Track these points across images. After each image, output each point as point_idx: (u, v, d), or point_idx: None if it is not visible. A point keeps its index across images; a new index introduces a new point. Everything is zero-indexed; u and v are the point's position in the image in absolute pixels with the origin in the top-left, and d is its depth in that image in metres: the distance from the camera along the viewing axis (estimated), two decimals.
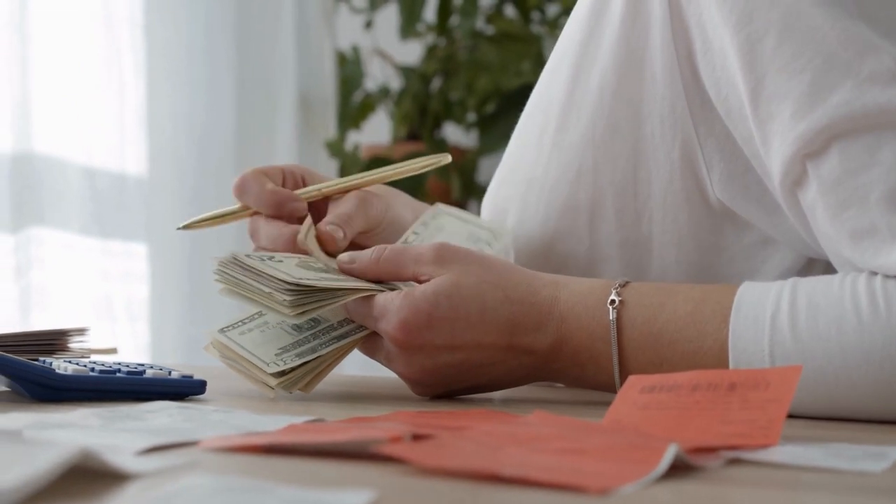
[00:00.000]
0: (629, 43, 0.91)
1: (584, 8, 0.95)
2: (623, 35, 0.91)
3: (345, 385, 0.97)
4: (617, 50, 0.91)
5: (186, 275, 2.11)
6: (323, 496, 0.48)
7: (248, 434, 0.64)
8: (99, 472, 0.51)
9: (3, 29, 1.76)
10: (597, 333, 0.84)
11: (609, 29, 0.92)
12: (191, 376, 0.85)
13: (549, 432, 0.63)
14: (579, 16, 0.96)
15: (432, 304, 0.83)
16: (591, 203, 0.94)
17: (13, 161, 1.78)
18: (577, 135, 0.94)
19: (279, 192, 0.95)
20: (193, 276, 2.12)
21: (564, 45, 0.97)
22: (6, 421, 0.66)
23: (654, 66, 0.89)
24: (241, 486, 0.49)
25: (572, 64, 0.95)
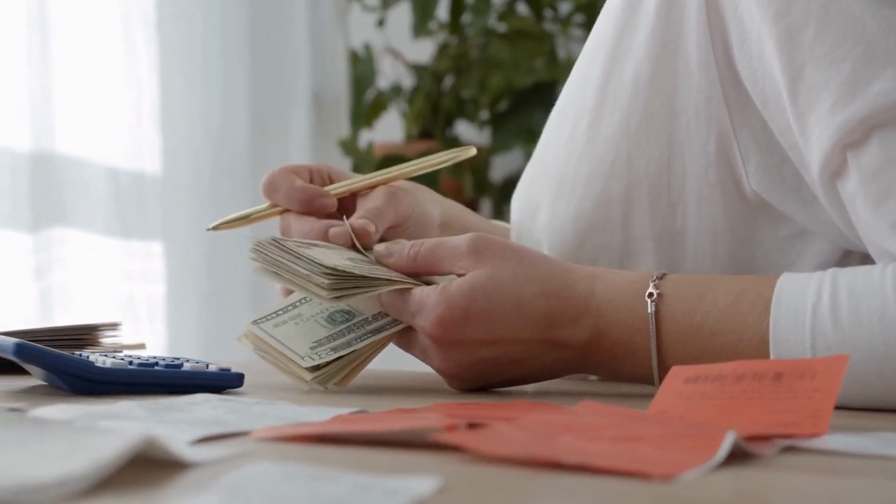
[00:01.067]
0: (664, 35, 0.91)
1: (616, 2, 0.95)
2: (657, 27, 0.91)
3: (377, 379, 0.97)
4: (651, 42, 0.91)
5: (203, 273, 2.11)
6: (390, 483, 0.47)
7: (298, 424, 0.64)
8: (155, 460, 0.51)
9: (23, 28, 1.76)
10: (635, 327, 0.84)
11: (643, 21, 0.92)
12: (228, 370, 0.85)
13: (600, 421, 0.63)
14: (612, 10, 0.96)
15: (469, 299, 0.83)
16: (625, 196, 0.93)
17: (33, 161, 1.78)
18: (611, 128, 0.94)
19: (309, 189, 0.95)
20: (210, 275, 2.12)
21: (597, 40, 0.97)
22: (55, 412, 0.66)
23: (689, 58, 0.89)
24: (307, 474, 0.49)
25: (606, 58, 0.95)
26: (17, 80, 1.76)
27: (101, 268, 1.89)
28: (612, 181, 0.94)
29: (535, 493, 0.49)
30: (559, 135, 0.99)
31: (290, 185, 0.96)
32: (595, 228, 0.94)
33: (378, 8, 2.52)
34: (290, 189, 0.95)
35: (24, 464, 0.46)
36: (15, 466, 0.46)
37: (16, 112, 1.76)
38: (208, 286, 2.11)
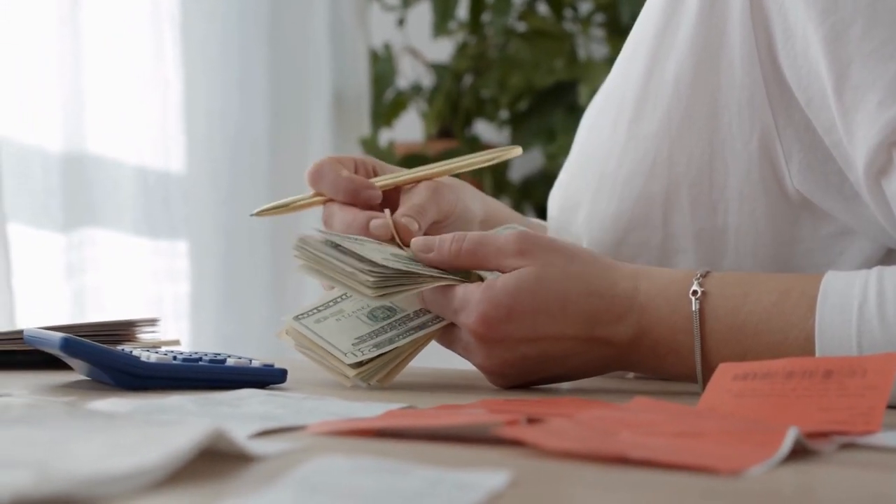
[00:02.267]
0: (706, 32, 0.90)
1: (658, 0, 0.95)
2: (700, 25, 0.91)
3: (418, 376, 0.97)
4: (694, 40, 0.91)
5: (223, 272, 2.11)
6: (461, 477, 0.47)
7: (353, 419, 0.64)
8: (212, 453, 0.51)
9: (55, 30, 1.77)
10: (678, 325, 0.84)
11: (685, 19, 0.92)
12: (271, 365, 0.85)
13: (656, 417, 0.63)
14: (653, 8, 0.96)
15: (513, 297, 0.83)
16: (666, 194, 0.93)
17: (64, 161, 1.78)
18: (653, 126, 0.93)
19: (355, 180, 0.96)
20: (230, 274, 2.13)
21: (637, 39, 0.97)
22: (109, 406, 0.66)
23: (732, 56, 0.89)
24: (376, 467, 0.49)
25: (647, 56, 0.94)
26: (49, 81, 1.77)
27: (129, 267, 1.89)
28: (652, 179, 0.94)
29: (608, 487, 0.49)
30: (599, 133, 0.99)
31: (336, 175, 0.96)
32: (635, 227, 0.94)
33: (398, 7, 2.52)
34: (335, 179, 0.96)
35: (97, 455, 0.46)
36: (87, 458, 0.46)
37: (48, 112, 1.77)
38: (229, 284, 2.11)
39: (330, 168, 0.96)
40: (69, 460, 0.45)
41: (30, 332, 0.88)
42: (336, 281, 0.86)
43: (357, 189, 0.95)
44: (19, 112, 1.74)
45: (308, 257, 0.88)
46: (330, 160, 0.97)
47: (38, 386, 0.84)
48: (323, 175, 0.96)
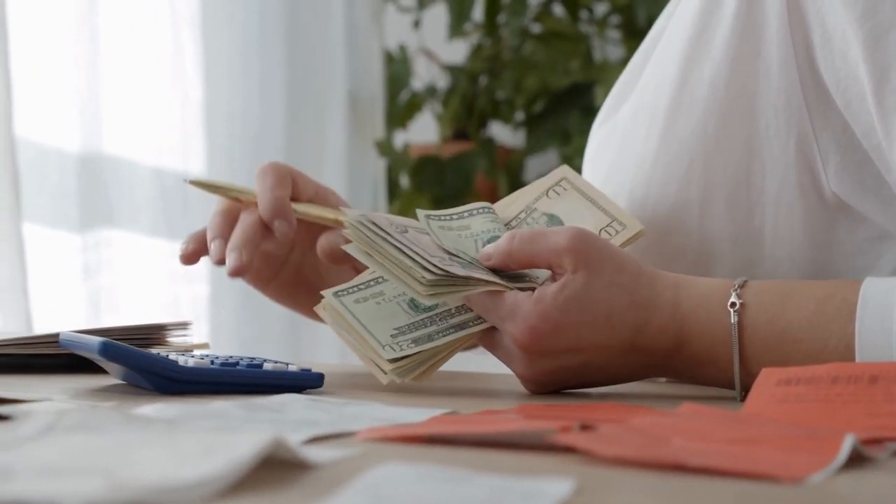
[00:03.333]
0: (743, 36, 0.90)
1: (693, 4, 0.95)
2: (737, 28, 0.91)
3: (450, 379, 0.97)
4: (731, 43, 0.91)
5: None
6: (527, 485, 0.47)
7: (401, 425, 0.64)
8: (274, 461, 0.51)
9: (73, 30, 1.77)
10: (717, 337, 0.83)
11: (722, 23, 0.92)
12: (309, 370, 0.85)
13: (708, 424, 0.63)
14: (688, 11, 0.95)
15: (562, 311, 0.82)
16: (702, 199, 0.93)
17: (82, 161, 1.78)
18: (688, 130, 0.93)
19: (281, 208, 0.95)
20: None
21: (671, 42, 0.97)
22: (155, 411, 0.66)
23: (769, 59, 0.89)
24: (440, 475, 0.48)
25: (681, 59, 0.94)
26: (67, 83, 1.77)
27: (146, 268, 1.89)
28: (688, 184, 0.93)
29: (671, 495, 0.49)
30: (633, 137, 0.99)
31: (276, 192, 0.95)
32: (671, 231, 0.94)
33: (413, 9, 2.52)
34: (273, 194, 0.95)
35: (162, 463, 0.46)
36: (152, 466, 0.46)
37: (66, 114, 1.77)
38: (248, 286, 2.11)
39: (275, 180, 0.96)
40: (134, 468, 0.45)
41: (66, 335, 0.88)
42: (386, 269, 0.85)
43: (276, 215, 0.95)
44: (37, 113, 1.74)
45: (360, 239, 0.86)
46: (284, 171, 0.97)
47: (74, 390, 0.84)
48: (266, 180, 0.96)
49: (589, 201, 0.93)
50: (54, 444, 0.49)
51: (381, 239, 0.85)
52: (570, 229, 0.84)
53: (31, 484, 0.43)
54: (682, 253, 0.95)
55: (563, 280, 0.83)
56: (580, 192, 0.94)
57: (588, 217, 0.92)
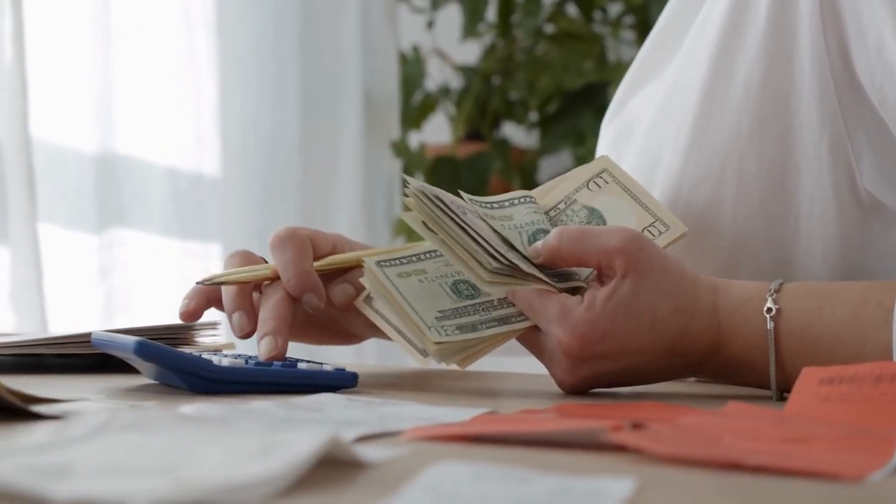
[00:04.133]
0: (777, 35, 0.90)
1: (722, 4, 0.94)
2: (770, 27, 0.90)
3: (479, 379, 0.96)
4: (764, 42, 0.90)
5: None
6: (588, 484, 0.47)
7: (446, 424, 0.64)
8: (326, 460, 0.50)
9: (87, 29, 1.76)
10: (753, 342, 0.83)
11: (754, 22, 0.91)
12: (343, 369, 0.85)
13: (758, 423, 0.63)
14: (717, 11, 0.95)
15: (611, 319, 0.81)
16: (735, 199, 0.92)
17: (98, 162, 1.78)
18: (721, 130, 0.93)
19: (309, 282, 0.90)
20: None
21: (700, 41, 0.96)
22: (197, 411, 0.66)
23: (802, 58, 0.89)
24: (497, 474, 0.48)
25: (712, 59, 0.94)
26: (83, 83, 1.77)
27: (161, 269, 1.89)
28: (721, 186, 0.93)
29: (732, 494, 0.48)
30: (662, 138, 0.98)
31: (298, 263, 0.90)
32: (704, 233, 0.93)
33: (427, 9, 2.51)
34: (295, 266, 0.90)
35: (223, 462, 0.46)
36: (214, 465, 0.45)
37: (82, 115, 1.77)
38: None
39: (297, 251, 0.90)
40: (194, 467, 0.45)
41: (98, 335, 0.88)
42: (446, 248, 0.83)
43: (305, 290, 0.90)
44: (54, 113, 1.74)
45: (422, 210, 0.84)
46: (302, 238, 0.91)
47: (108, 390, 0.84)
48: (286, 251, 0.90)
49: (631, 197, 0.92)
50: (109, 444, 0.48)
51: (447, 216, 0.83)
52: (621, 230, 0.84)
53: (94, 483, 0.43)
54: (714, 253, 0.94)
55: (612, 285, 0.82)
56: (622, 187, 0.93)
57: (630, 215, 0.91)
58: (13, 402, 0.65)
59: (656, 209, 0.91)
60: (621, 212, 0.92)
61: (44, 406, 0.67)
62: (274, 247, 0.91)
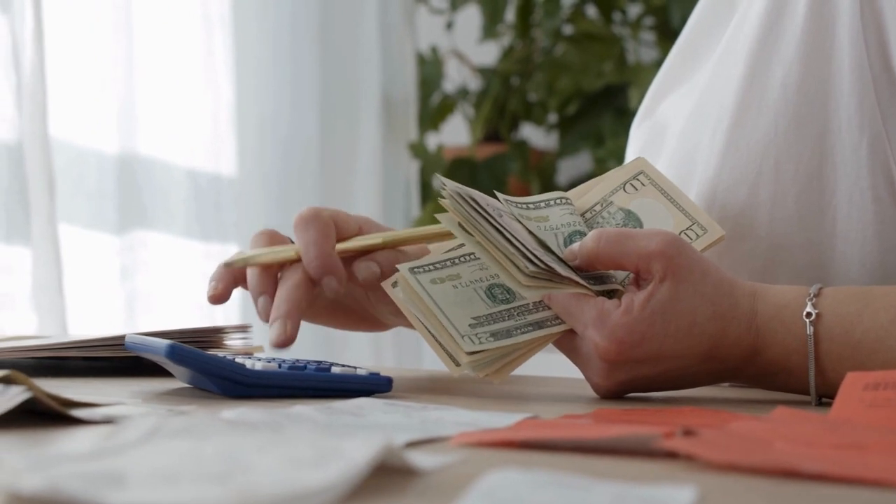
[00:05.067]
0: (815, 36, 0.89)
1: (759, 4, 0.93)
2: (809, 29, 0.89)
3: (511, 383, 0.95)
4: (802, 44, 0.90)
5: None
6: (648, 492, 0.46)
7: (495, 430, 0.63)
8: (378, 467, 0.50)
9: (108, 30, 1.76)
10: (792, 347, 0.82)
11: (792, 23, 0.90)
12: (377, 373, 0.84)
13: (809, 428, 0.62)
14: (754, 13, 0.94)
15: (649, 323, 0.80)
16: (772, 202, 0.91)
17: (119, 163, 1.77)
18: (757, 133, 0.92)
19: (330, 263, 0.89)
20: None
21: (736, 42, 0.95)
22: (239, 416, 0.65)
23: (841, 60, 0.88)
24: (554, 481, 0.47)
25: (748, 59, 0.93)
26: (103, 85, 1.76)
27: (180, 270, 1.88)
28: (758, 188, 0.92)
29: (792, 501, 0.48)
30: (697, 141, 0.97)
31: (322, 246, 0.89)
32: (739, 236, 0.92)
33: (446, 10, 2.51)
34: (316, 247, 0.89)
35: (281, 469, 0.45)
36: (267, 473, 0.45)
37: (103, 116, 1.76)
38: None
39: (319, 233, 0.89)
40: (251, 475, 0.44)
41: (131, 338, 0.87)
42: (483, 249, 0.83)
43: (325, 273, 0.89)
44: (75, 115, 1.73)
45: (458, 211, 0.83)
46: (326, 219, 0.90)
47: (142, 393, 0.83)
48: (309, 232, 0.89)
49: (668, 200, 0.91)
50: (161, 451, 0.48)
51: (483, 218, 0.83)
52: (659, 234, 0.82)
53: (151, 491, 0.42)
54: (750, 256, 0.93)
55: (649, 289, 0.81)
56: (659, 189, 0.92)
57: (667, 218, 0.90)
58: (53, 407, 0.65)
59: (694, 212, 0.90)
60: (658, 214, 0.90)
61: (83, 410, 0.66)
62: (297, 227, 0.90)
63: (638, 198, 0.92)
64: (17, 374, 0.66)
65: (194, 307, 1.92)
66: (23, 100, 1.52)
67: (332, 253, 0.89)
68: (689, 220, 0.89)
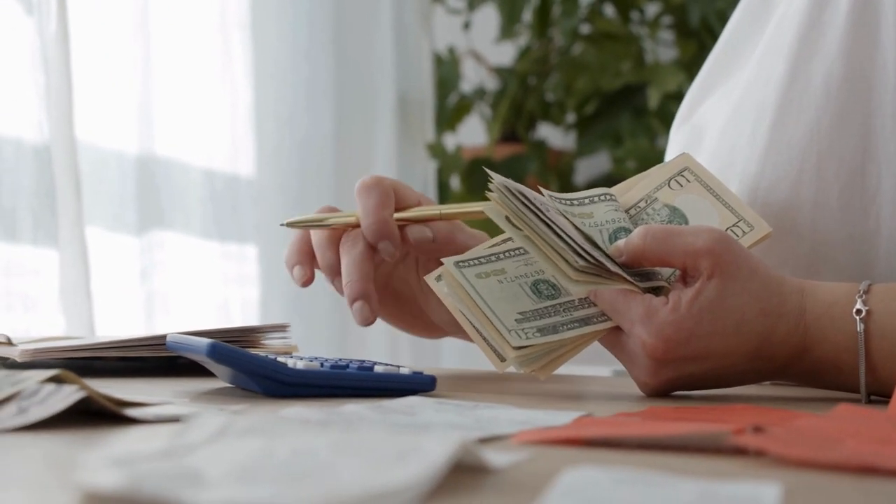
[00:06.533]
0: (858, 34, 0.88)
1: (800, 3, 0.93)
2: (852, 26, 0.88)
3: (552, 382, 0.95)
4: (845, 41, 0.89)
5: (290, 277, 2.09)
6: (733, 489, 0.45)
7: (554, 428, 0.62)
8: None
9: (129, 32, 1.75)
10: (842, 344, 0.81)
11: (834, 21, 0.90)
12: (420, 372, 0.83)
13: (877, 426, 0.61)
14: (794, 11, 0.93)
15: (696, 321, 0.79)
16: (814, 199, 0.91)
17: (139, 164, 1.77)
18: (800, 130, 0.91)
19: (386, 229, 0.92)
20: None
21: (777, 39, 0.95)
22: (298, 415, 0.64)
23: (885, 55, 0.87)
24: (636, 479, 0.46)
25: (790, 57, 0.92)
26: (124, 86, 1.75)
27: (198, 271, 1.88)
28: (800, 184, 0.91)
29: (884, 499, 0.47)
30: (738, 138, 0.96)
31: (378, 211, 0.92)
32: (782, 234, 0.91)
33: (463, 10, 2.50)
34: (375, 213, 0.92)
35: (359, 469, 0.44)
36: (349, 471, 0.44)
37: (124, 116, 1.75)
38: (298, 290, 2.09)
39: (379, 199, 0.92)
40: (332, 473, 0.43)
41: (173, 338, 0.86)
42: (532, 245, 0.82)
43: (382, 237, 0.92)
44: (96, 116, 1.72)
45: (506, 205, 0.82)
46: (387, 187, 0.93)
47: (185, 393, 0.82)
48: (370, 198, 0.92)
49: (714, 196, 0.90)
50: (233, 450, 0.47)
51: (531, 212, 0.82)
52: (707, 230, 0.82)
53: (231, 490, 0.41)
54: (792, 255, 0.92)
55: (697, 286, 0.80)
56: (704, 186, 0.91)
57: (713, 214, 0.89)
58: (107, 406, 0.64)
59: (739, 208, 0.89)
60: (704, 211, 0.90)
61: (136, 410, 0.65)
62: (359, 193, 0.93)
63: (683, 194, 0.91)
64: (68, 373, 0.66)
65: (212, 308, 1.91)
66: (50, 101, 1.51)
67: (389, 219, 0.92)
68: (735, 217, 0.88)
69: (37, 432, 0.60)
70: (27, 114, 1.48)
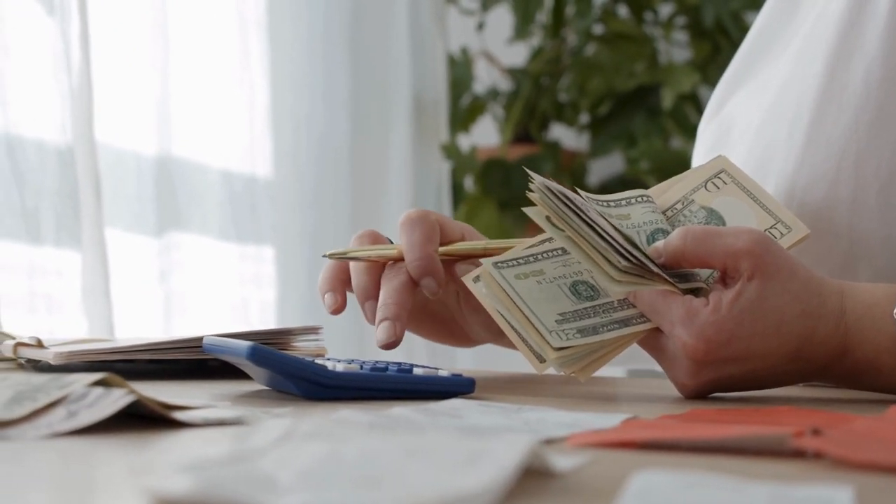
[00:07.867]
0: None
1: (838, 2, 0.92)
2: (891, 26, 0.88)
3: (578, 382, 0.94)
4: (885, 40, 0.89)
5: (308, 278, 2.09)
6: (806, 492, 0.45)
7: (608, 431, 0.62)
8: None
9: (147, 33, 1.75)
10: (882, 346, 0.81)
11: (874, 20, 0.89)
12: (459, 375, 0.83)
13: None
14: (833, 10, 0.93)
15: (737, 322, 0.79)
16: (852, 198, 0.90)
17: (157, 165, 1.76)
18: (838, 129, 0.91)
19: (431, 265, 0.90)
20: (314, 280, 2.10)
21: (814, 38, 0.94)
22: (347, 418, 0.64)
23: None
24: (707, 482, 0.46)
25: (829, 55, 0.92)
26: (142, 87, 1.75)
27: (216, 272, 1.88)
28: (838, 185, 0.91)
29: None
30: (774, 137, 0.96)
31: (423, 247, 0.90)
32: (819, 234, 0.91)
33: (476, 11, 2.50)
34: (420, 248, 0.90)
35: (431, 473, 0.44)
36: (420, 476, 0.44)
37: (143, 118, 1.75)
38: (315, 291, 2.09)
39: (424, 234, 0.90)
40: (404, 478, 0.43)
41: (209, 340, 0.86)
42: (574, 245, 0.82)
43: (426, 273, 0.89)
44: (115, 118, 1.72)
45: (548, 206, 0.82)
46: (433, 222, 0.91)
47: (224, 395, 0.82)
48: (415, 233, 0.90)
49: (751, 198, 0.89)
50: (300, 454, 0.46)
51: (573, 213, 0.82)
52: (746, 231, 0.81)
53: (306, 495, 0.41)
54: (829, 254, 0.92)
55: (737, 288, 0.79)
56: (741, 188, 0.90)
57: (751, 216, 0.89)
58: (156, 410, 0.64)
59: (777, 210, 0.89)
60: (741, 213, 0.89)
61: (184, 413, 0.65)
62: (403, 227, 0.91)
63: (720, 196, 0.90)
64: (114, 377, 0.65)
65: (229, 309, 1.91)
66: (72, 102, 1.51)
67: (434, 255, 0.90)
68: (773, 219, 0.88)
69: (86, 436, 0.60)
70: (50, 115, 1.48)
